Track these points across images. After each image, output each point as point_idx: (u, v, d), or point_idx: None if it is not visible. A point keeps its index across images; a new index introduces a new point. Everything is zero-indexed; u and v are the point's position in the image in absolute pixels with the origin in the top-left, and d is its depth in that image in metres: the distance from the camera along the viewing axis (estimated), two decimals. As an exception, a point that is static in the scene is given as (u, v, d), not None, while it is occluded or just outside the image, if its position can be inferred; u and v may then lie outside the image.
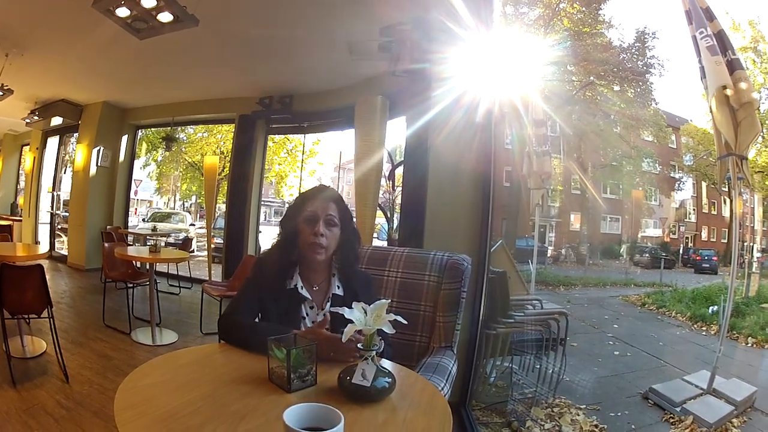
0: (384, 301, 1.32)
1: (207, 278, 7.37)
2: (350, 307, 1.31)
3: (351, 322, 1.28)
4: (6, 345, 3.51)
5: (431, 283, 2.27)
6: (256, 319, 1.73)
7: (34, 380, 3.44)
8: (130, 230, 8.89)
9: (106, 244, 5.57)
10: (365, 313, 1.29)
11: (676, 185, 5.47)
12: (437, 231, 3.51)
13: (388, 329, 1.27)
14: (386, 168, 5.05)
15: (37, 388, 3.30)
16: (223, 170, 10.34)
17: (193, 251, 9.02)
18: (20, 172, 11.22)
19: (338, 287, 1.81)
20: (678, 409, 3.45)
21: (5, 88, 6.78)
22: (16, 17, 4.88)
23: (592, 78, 5.61)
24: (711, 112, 3.26)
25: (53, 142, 9.94)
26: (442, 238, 3.43)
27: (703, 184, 5.21)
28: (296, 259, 1.79)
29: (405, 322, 1.32)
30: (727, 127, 3.19)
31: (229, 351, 1.56)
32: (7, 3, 4.56)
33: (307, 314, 1.77)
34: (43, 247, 5.85)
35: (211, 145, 13.86)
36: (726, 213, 5.01)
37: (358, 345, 1.31)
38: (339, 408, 1.02)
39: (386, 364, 1.48)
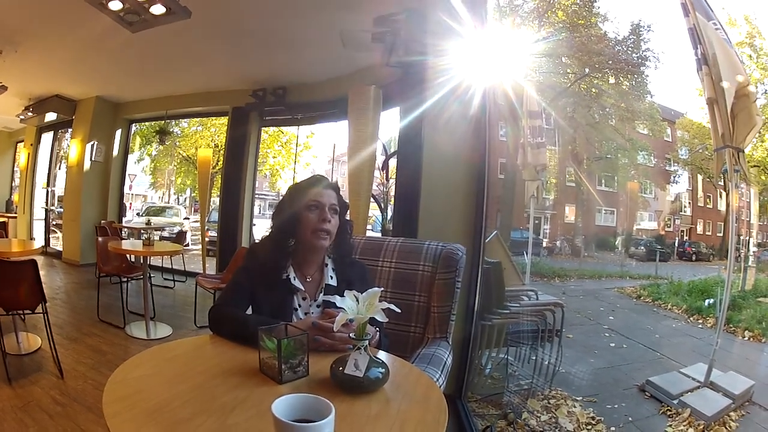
0: (376, 289, 1.30)
1: (201, 271, 7.36)
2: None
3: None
4: (1, 342, 3.48)
5: (426, 273, 2.26)
6: (248, 310, 1.70)
7: (29, 377, 3.42)
8: (124, 224, 8.85)
9: (99, 239, 5.52)
10: (357, 301, 1.28)
11: (672, 178, 5.46)
12: (431, 221, 3.49)
13: (381, 318, 1.25)
14: (380, 159, 5.03)
15: (32, 385, 3.29)
16: (217, 164, 10.29)
17: (187, 245, 8.98)
18: (15, 168, 11.18)
19: (331, 277, 1.79)
20: (675, 401, 3.44)
21: (-1, 84, 6.77)
22: (9, 14, 4.85)
23: (587, 70, 5.59)
24: (714, 103, 3.26)
25: (47, 138, 9.91)
26: (436, 229, 3.42)
27: (699, 178, 5.20)
28: (292, 249, 1.77)
29: (398, 310, 1.31)
30: (724, 119, 3.20)
31: (219, 342, 1.54)
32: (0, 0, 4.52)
33: (299, 305, 1.75)
34: (38, 243, 5.81)
35: (206, 138, 13.83)
36: (722, 207, 5.00)
37: (351, 335, 1.29)
38: (331, 399, 1.00)
39: (380, 354, 1.46)
